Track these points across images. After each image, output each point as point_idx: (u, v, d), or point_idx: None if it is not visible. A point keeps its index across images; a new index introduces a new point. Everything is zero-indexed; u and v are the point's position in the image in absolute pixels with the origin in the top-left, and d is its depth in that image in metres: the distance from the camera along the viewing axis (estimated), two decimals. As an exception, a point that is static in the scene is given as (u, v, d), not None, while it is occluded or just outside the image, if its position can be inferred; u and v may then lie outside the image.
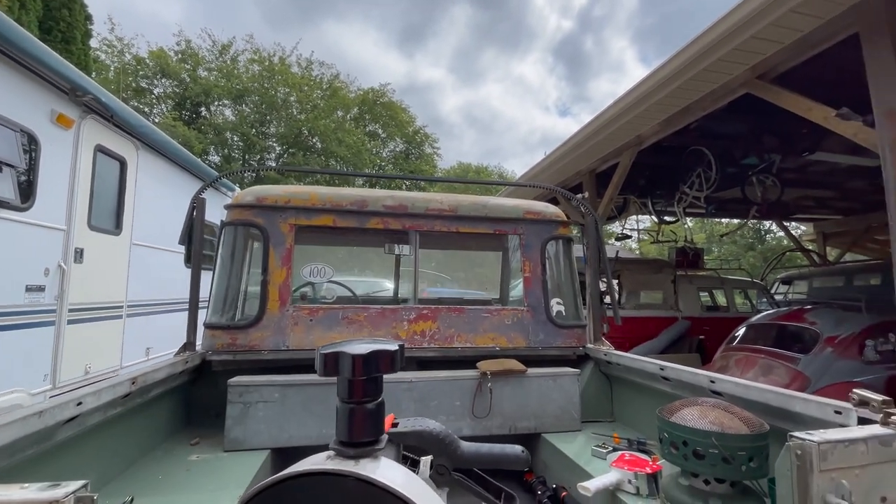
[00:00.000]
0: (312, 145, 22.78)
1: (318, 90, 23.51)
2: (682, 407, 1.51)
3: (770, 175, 6.10)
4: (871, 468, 1.06)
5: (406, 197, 2.66)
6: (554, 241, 2.88)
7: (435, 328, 2.55)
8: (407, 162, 26.25)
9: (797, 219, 10.57)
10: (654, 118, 5.04)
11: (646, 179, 7.14)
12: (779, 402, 1.49)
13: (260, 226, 2.41)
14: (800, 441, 1.02)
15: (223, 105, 22.41)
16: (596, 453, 2.07)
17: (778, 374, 4.62)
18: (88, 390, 1.50)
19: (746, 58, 3.87)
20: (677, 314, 7.13)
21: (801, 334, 4.98)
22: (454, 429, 2.27)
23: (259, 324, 2.35)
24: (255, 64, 22.40)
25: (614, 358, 2.50)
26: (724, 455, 1.32)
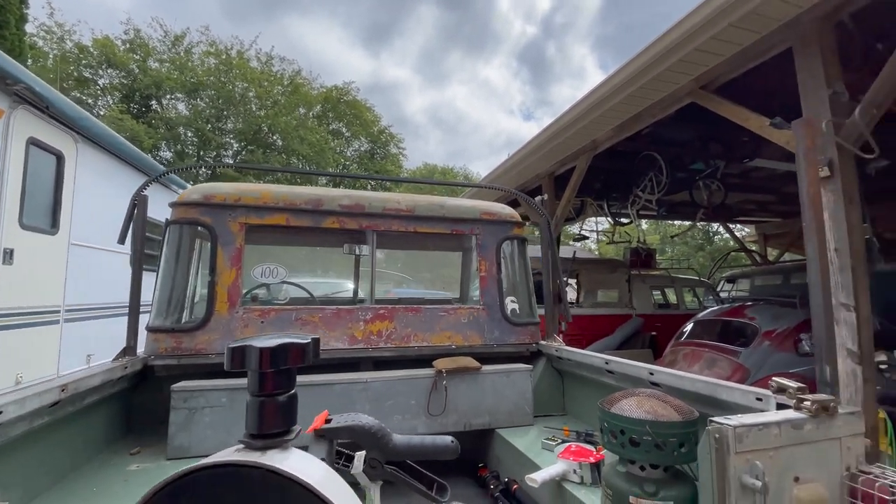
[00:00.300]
0: (273, 143, 22.16)
1: (278, 86, 22.88)
2: (621, 398, 1.58)
3: (715, 180, 6.47)
4: (784, 450, 1.16)
5: (363, 196, 2.65)
6: (509, 241, 2.95)
7: (392, 328, 2.55)
8: (372, 162, 25.99)
9: (741, 221, 11.26)
10: (608, 124, 5.25)
11: (602, 183, 7.40)
12: (708, 390, 1.59)
13: (207, 225, 2.33)
14: (718, 425, 1.10)
15: (176, 99, 21.41)
16: (546, 446, 2.13)
17: (721, 366, 4.90)
18: (10, 398, 1.40)
19: (691, 69, 4.10)
20: (631, 312, 7.44)
21: (742, 329, 5.30)
22: (409, 427, 2.29)
23: (206, 326, 2.27)
24: (210, 57, 21.53)
25: (565, 353, 2.58)
26: (656, 442, 1.39)
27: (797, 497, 1.13)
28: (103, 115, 18.07)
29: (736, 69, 4.03)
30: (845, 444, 1.23)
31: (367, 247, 2.60)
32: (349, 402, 2.18)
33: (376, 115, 26.31)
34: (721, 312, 5.68)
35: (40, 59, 17.42)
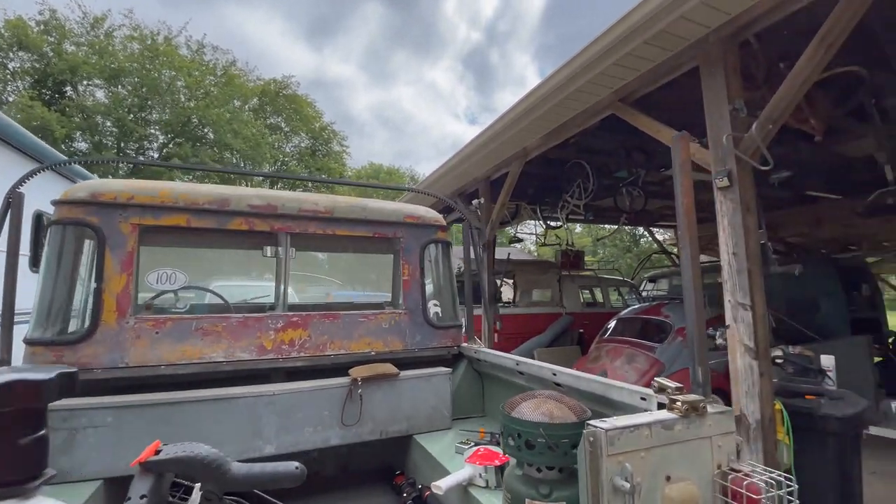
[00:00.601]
0: (203, 136, 20.82)
1: (210, 76, 21.53)
2: (521, 401, 1.61)
3: (637, 187, 6.89)
4: (655, 450, 1.22)
5: (276, 196, 2.52)
6: (433, 245, 2.94)
7: (306, 336, 2.45)
8: (314, 159, 25.16)
9: (660, 225, 12.10)
10: (537, 132, 5.43)
11: (535, 188, 7.65)
12: (602, 390, 1.66)
13: (94, 225, 2.11)
14: (592, 429, 1.14)
15: (94, 85, 19.52)
16: (459, 450, 2.14)
17: (639, 361, 5.22)
18: None
19: (610, 82, 4.32)
20: (562, 310, 7.77)
21: (660, 326, 5.69)
22: (321, 439, 2.21)
23: (91, 338, 2.06)
24: (134, 42, 19.85)
25: (482, 355, 2.62)
26: (549, 444, 1.43)
27: (668, 496, 1.19)
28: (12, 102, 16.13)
29: (650, 84, 4.30)
30: (716, 442, 1.33)
31: (280, 249, 2.48)
32: (254, 418, 2.07)
33: (318, 111, 25.54)
34: (641, 310, 6.06)
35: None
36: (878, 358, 6.78)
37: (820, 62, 3.10)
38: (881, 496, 4.29)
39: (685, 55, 3.90)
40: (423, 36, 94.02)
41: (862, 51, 3.96)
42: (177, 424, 1.96)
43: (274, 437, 2.10)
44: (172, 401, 1.97)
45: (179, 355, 2.15)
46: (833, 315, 6.59)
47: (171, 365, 2.13)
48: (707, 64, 3.71)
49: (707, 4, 3.23)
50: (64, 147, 16.66)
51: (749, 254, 3.29)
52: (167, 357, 2.13)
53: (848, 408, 3.24)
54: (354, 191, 21.15)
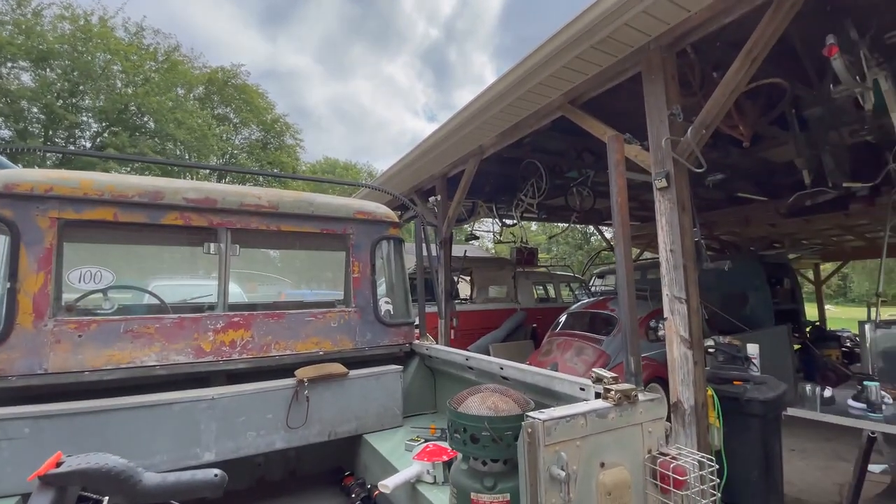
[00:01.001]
0: (143, 125, 19.49)
1: (150, 62, 20.17)
2: (467, 396, 1.63)
3: (586, 187, 7.16)
4: (590, 438, 1.28)
5: (215, 190, 2.39)
6: (385, 241, 2.91)
7: (248, 337, 2.35)
8: (265, 152, 24.20)
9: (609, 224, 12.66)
10: (492, 131, 5.50)
11: (491, 186, 7.76)
12: (545, 383, 1.71)
13: (7, 219, 1.92)
14: (530, 420, 1.17)
15: (19, 68, 17.75)
16: (408, 447, 2.14)
17: (587, 353, 5.44)
18: None
19: (560, 84, 4.45)
20: (516, 306, 7.95)
21: (606, 319, 5.95)
22: (266, 443, 2.14)
23: (5, 343, 1.87)
24: (65, 21, 18.23)
25: (434, 352, 2.63)
26: (493, 436, 1.46)
27: (602, 482, 1.25)
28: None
29: (597, 87, 4.46)
30: (646, 428, 1.40)
31: (220, 245, 2.36)
32: (192, 424, 1.96)
33: (270, 103, 24.60)
34: (589, 305, 6.31)
35: None
36: (796, 346, 7.44)
37: (746, 73, 3.33)
38: (800, 469, 4.73)
39: (629, 61, 4.08)
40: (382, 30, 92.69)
41: (785, 64, 4.31)
42: (103, 435, 1.83)
43: (213, 443, 2.00)
44: (98, 409, 1.84)
45: (106, 360, 2.00)
46: (759, 307, 7.16)
47: (97, 370, 1.98)
48: (648, 70, 3.90)
49: (647, 13, 3.39)
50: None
51: (685, 251, 3.50)
52: (92, 362, 1.98)
53: (770, 391, 3.53)
54: (309, 186, 20.56)
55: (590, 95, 4.54)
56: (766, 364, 4.48)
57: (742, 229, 9.34)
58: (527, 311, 7.90)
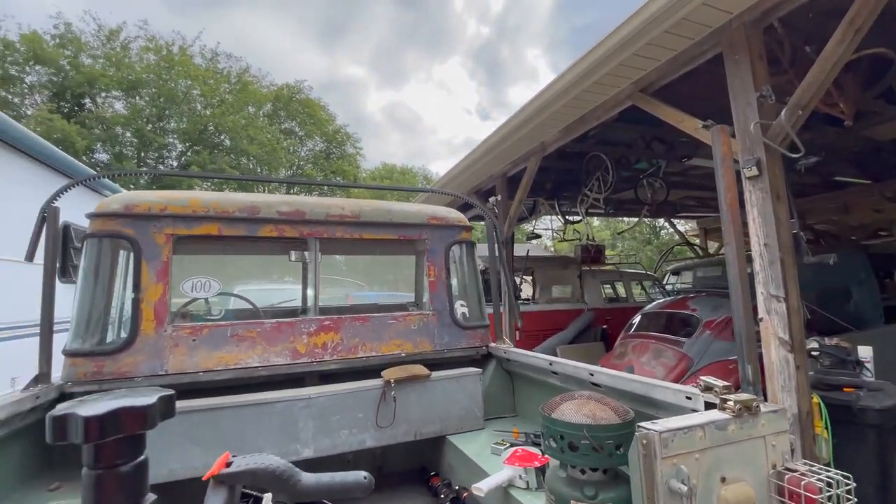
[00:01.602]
0: (220, 143, 21.17)
1: (225, 84, 21.88)
2: (561, 402, 1.59)
3: (658, 178, 6.77)
4: (709, 451, 1.19)
5: (304, 203, 2.54)
6: (458, 246, 2.93)
7: (338, 339, 2.47)
8: (328, 162, 25.38)
9: (683, 216, 11.88)
10: (555, 126, 5.37)
11: (553, 183, 7.57)
12: (643, 390, 1.63)
13: (130, 237, 2.16)
14: (645, 431, 1.11)
15: (112, 97, 20.00)
16: (494, 450, 2.13)
17: (667, 357, 5.13)
18: None
19: (630, 73, 4.25)
20: (583, 306, 7.67)
21: (686, 320, 5.58)
22: (357, 441, 2.23)
23: (130, 347, 2.10)
24: (150, 53, 20.27)
25: (513, 355, 2.60)
26: (594, 445, 1.41)
27: (724, 497, 1.16)
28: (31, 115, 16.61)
29: (672, 73, 4.21)
30: (770, 441, 1.29)
31: (309, 254, 2.50)
32: (292, 421, 2.09)
33: (331, 114, 25.76)
34: (666, 304, 5.96)
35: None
36: (915, 347, 6.55)
37: (850, 45, 2.99)
38: (925, 490, 4.14)
39: (707, 42, 3.81)
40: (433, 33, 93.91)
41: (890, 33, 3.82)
42: (217, 430, 2.00)
43: (311, 440, 2.12)
44: (212, 407, 2.01)
45: (216, 361, 2.18)
46: (865, 303, 6.38)
47: (209, 371, 2.17)
48: (731, 50, 3.62)
49: (730, -10, 3.14)
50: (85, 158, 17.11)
51: (781, 244, 3.19)
52: (204, 364, 2.17)
53: (887, 399, 3.14)
54: (370, 193, 21.26)
55: (663, 82, 4.29)
56: (881, 368, 3.99)
57: (840, 217, 8.39)
58: (595, 311, 7.60)
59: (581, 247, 8.60)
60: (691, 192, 9.02)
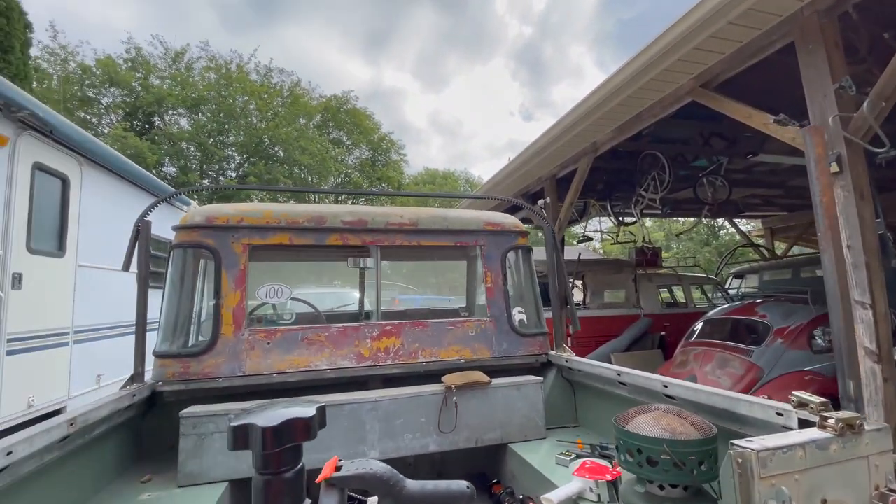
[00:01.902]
0: (274, 154, 22.28)
1: (278, 98, 23.03)
2: (636, 414, 1.54)
3: (719, 176, 6.41)
4: (810, 472, 1.11)
5: (366, 212, 2.63)
6: (514, 252, 2.92)
7: (399, 344, 2.52)
8: (374, 169, 26.05)
9: (746, 216, 11.15)
10: (608, 126, 5.22)
11: (604, 183, 7.36)
12: (725, 404, 1.55)
13: (211, 247, 2.32)
14: (740, 449, 1.06)
15: (178, 114, 21.60)
16: (560, 461, 2.09)
17: (733, 366, 4.83)
18: (19, 437, 1.39)
19: (690, 68, 4.06)
20: (639, 312, 7.36)
21: (753, 327, 5.23)
22: (420, 445, 2.26)
23: (212, 350, 2.26)
24: (211, 72, 21.73)
25: (575, 364, 2.54)
26: (675, 461, 1.36)
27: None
28: (107, 134, 18.25)
29: (736, 66, 3.99)
30: (873, 462, 1.19)
31: (371, 260, 2.58)
32: (359, 423, 2.15)
33: (376, 123, 26.44)
34: (731, 310, 5.61)
35: (45, 80, 17.66)
36: None
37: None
38: None
39: (776, 32, 3.58)
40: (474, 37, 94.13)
41: None
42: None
43: (377, 442, 2.17)
44: None
45: (288, 364, 2.30)
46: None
47: (282, 373, 2.28)
48: (803, 40, 3.38)
49: (806, -24, 2.94)
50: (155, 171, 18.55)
51: (866, 246, 2.92)
52: (278, 366, 2.29)
53: None
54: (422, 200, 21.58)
55: (727, 75, 4.08)
56: None
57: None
58: (651, 317, 7.27)
59: (636, 249, 8.27)
60: (756, 190, 8.47)
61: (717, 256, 19.74)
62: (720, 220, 18.17)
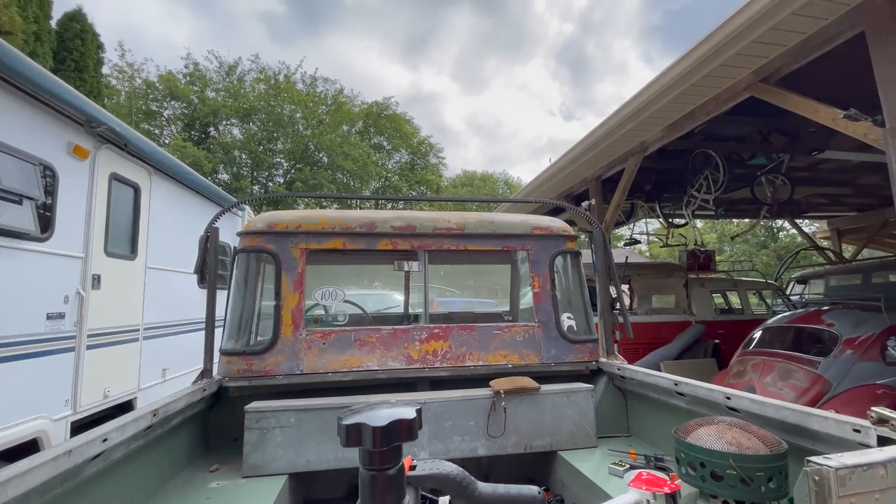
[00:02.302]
0: (319, 160, 23.07)
1: (322, 106, 23.85)
2: (697, 426, 1.50)
3: (779, 174, 6.04)
4: (891, 492, 1.05)
5: (414, 217, 2.69)
6: (562, 256, 2.89)
7: (447, 347, 2.56)
8: (413, 173, 26.42)
9: (810, 216, 10.41)
10: (658, 124, 5.05)
11: (652, 184, 7.11)
12: (796, 419, 1.47)
13: (272, 252, 2.46)
14: (817, 466, 1.01)
15: (231, 124, 22.84)
16: (613, 471, 2.05)
17: (797, 378, 4.54)
18: (113, 425, 1.53)
19: (749, 62, 3.87)
20: (690, 318, 7.04)
21: (820, 336, 4.89)
22: (469, 448, 2.28)
23: (273, 349, 2.39)
24: (260, 83, 22.83)
25: (628, 373, 2.48)
26: (742, 476, 1.31)
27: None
28: (168, 144, 19.57)
29: (800, 59, 3.77)
30: (966, 484, 1.10)
31: (418, 263, 2.64)
32: (410, 424, 2.20)
33: (415, 127, 26.81)
34: (794, 318, 5.27)
35: (113, 96, 19.17)
36: None
37: None
38: None
39: (845, 22, 3.36)
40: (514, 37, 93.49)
41: None
42: (345, 428, 2.18)
43: (427, 443, 2.21)
44: (341, 405, 2.19)
45: (342, 363, 2.39)
46: None
47: (337, 372, 2.38)
48: (876, 29, 3.15)
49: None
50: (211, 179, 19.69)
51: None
52: (332, 365, 2.39)
53: None
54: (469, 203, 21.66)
55: (790, 69, 3.86)
56: None
57: None
58: (704, 324, 6.93)
59: (687, 252, 7.92)
60: (821, 189, 7.91)
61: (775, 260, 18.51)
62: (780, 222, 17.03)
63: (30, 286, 3.34)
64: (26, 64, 3.19)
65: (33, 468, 1.15)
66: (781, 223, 21.32)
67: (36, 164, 3.36)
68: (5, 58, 2.97)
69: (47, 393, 3.51)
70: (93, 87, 11.75)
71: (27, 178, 3.28)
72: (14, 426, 3.11)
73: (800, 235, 10.43)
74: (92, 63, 12.06)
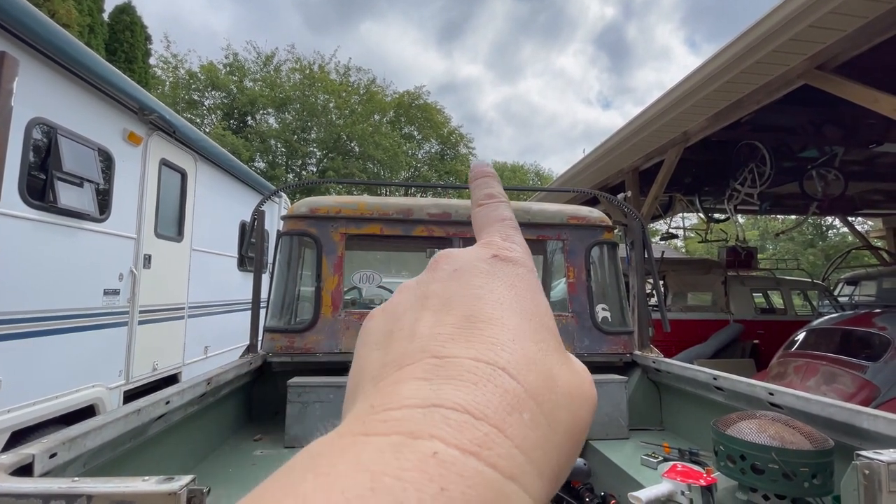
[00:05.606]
0: (351, 149, 23.40)
1: (355, 95, 24.10)
2: (738, 420, 1.48)
3: (832, 168, 5.72)
4: (947, 491, 1.01)
5: (449, 205, 2.72)
6: (598, 247, 2.86)
7: None
8: (442, 163, 26.41)
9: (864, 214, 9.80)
10: (703, 114, 4.87)
11: (693, 176, 6.87)
12: (843, 417, 1.43)
13: (313, 235, 2.55)
14: (867, 461, 0.99)
15: (267, 114, 23.42)
16: (646, 462, 2.04)
17: (842, 382, 4.34)
18: (174, 390, 1.65)
19: (804, 48, 3.67)
20: (728, 317, 6.80)
21: (869, 340, 4.64)
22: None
23: (314, 328, 2.48)
24: (296, 73, 23.26)
25: (663, 366, 2.45)
26: (785, 471, 1.29)
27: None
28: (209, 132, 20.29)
29: (860, 45, 3.55)
30: None
31: None
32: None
33: (446, 117, 26.73)
34: (842, 320, 5.02)
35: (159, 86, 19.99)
36: None
37: None
38: None
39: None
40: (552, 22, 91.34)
41: None
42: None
43: None
44: None
45: None
46: None
47: None
48: (951, 10, 2.93)
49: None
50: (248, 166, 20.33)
51: None
52: None
53: None
54: None
55: (848, 55, 3.64)
56: None
57: None
58: (743, 323, 6.68)
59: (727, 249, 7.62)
60: (878, 185, 7.44)
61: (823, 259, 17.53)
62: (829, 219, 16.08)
63: (89, 263, 3.58)
64: (88, 54, 3.38)
65: (108, 423, 1.26)
66: (831, 220, 20.16)
67: (95, 150, 3.58)
68: (70, 49, 3.16)
69: (104, 363, 3.78)
70: (141, 77, 12.31)
71: (87, 163, 3.50)
72: (74, 392, 3.37)
73: (852, 234, 9.83)
74: (140, 54, 12.62)
